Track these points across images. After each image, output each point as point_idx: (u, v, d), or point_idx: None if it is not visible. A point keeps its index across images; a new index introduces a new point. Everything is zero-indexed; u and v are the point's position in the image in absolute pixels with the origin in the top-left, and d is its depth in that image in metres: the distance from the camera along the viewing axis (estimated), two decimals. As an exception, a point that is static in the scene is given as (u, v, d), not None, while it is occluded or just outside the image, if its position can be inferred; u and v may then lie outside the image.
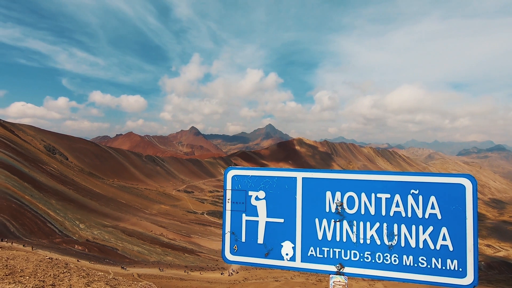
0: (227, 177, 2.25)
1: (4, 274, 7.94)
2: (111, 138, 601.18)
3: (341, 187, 2.05)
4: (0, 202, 52.13)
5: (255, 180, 2.18)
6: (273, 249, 2.13)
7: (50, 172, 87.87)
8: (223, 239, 2.25)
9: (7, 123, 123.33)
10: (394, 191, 1.95)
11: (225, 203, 2.23)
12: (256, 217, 2.17)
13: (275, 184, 2.14)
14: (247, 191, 2.19)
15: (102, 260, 44.43)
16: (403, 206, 1.94)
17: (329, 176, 2.08)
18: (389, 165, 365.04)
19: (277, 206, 2.14)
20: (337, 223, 2.03)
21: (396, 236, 1.94)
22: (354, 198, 2.01)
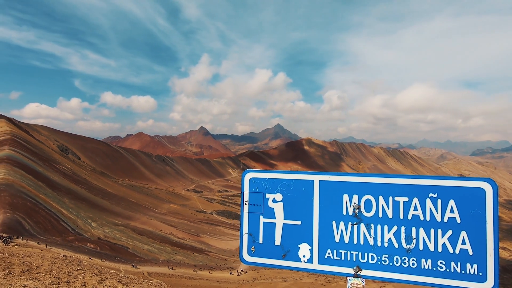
0: (244, 180, 2.28)
1: (21, 271, 8.19)
2: (122, 138, 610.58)
3: (358, 190, 2.05)
4: (15, 200, 53.51)
5: (272, 182, 2.21)
6: (290, 251, 2.15)
7: (63, 172, 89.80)
8: (240, 241, 2.27)
9: (22, 124, 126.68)
10: (412, 195, 1.95)
11: (243, 205, 2.26)
12: (273, 219, 2.19)
13: (292, 187, 2.16)
14: (264, 194, 2.21)
15: (113, 258, 45.18)
16: (422, 209, 1.93)
17: (346, 179, 2.08)
18: (399, 165, 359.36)
19: (294, 208, 2.16)
20: (354, 226, 2.04)
21: (414, 239, 1.93)
22: (372, 201, 2.02)
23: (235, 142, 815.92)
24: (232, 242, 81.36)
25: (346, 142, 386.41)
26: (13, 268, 7.86)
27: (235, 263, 62.55)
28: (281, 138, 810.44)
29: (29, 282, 6.31)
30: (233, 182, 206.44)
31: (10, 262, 8.49)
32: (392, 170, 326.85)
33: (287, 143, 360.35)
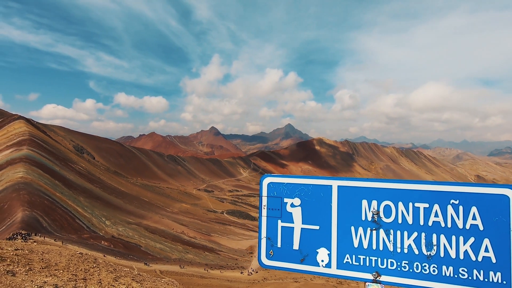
0: (263, 184, 2.29)
1: (40, 267, 8.45)
2: (135, 138, 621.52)
3: (377, 196, 2.04)
4: (34, 198, 55.21)
5: (290, 187, 2.21)
6: (309, 255, 2.15)
7: (78, 171, 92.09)
8: (259, 244, 2.29)
9: (40, 124, 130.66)
10: (432, 201, 1.92)
11: (261, 209, 2.28)
12: (291, 223, 2.20)
13: (310, 192, 2.17)
14: (282, 198, 2.22)
15: (126, 256, 46.01)
16: (443, 216, 1.90)
17: (365, 184, 2.07)
18: (413, 165, 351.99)
19: (312, 213, 2.17)
20: (373, 232, 2.02)
21: (435, 246, 1.90)
22: (391, 207, 2.00)
23: (246, 142, 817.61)
24: (242, 242, 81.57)
25: (358, 142, 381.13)
26: (33, 264, 8.11)
27: (245, 262, 62.70)
28: (292, 138, 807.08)
29: (49, 279, 6.53)
30: (244, 182, 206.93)
31: (30, 259, 8.75)
32: (405, 171, 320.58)
33: (298, 143, 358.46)
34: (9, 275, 5.69)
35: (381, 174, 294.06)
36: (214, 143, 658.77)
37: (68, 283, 6.80)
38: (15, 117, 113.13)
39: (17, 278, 5.70)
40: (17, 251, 9.51)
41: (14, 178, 60.03)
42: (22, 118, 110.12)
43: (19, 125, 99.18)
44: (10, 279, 5.49)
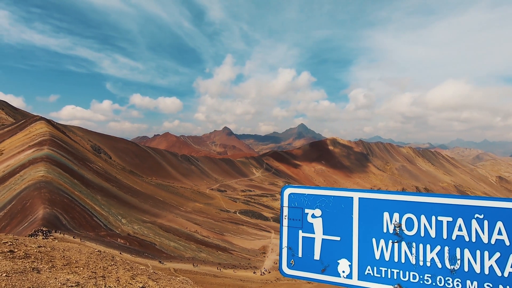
0: (283, 195, 2.31)
1: (62, 264, 8.76)
2: (150, 138, 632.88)
3: (399, 208, 2.02)
4: (54, 197, 57.13)
5: (311, 198, 2.23)
6: (330, 265, 2.16)
7: (96, 170, 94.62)
8: (280, 253, 2.31)
9: (59, 125, 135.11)
10: (456, 215, 1.90)
11: (282, 219, 2.30)
12: (312, 234, 2.22)
13: (331, 203, 2.18)
14: (303, 209, 2.24)
15: (141, 253, 46.94)
16: (467, 230, 1.87)
17: (386, 197, 2.07)
18: (430, 166, 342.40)
19: (333, 224, 2.18)
20: (395, 244, 2.01)
21: (458, 260, 1.87)
22: (413, 220, 1.98)
23: (258, 142, 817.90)
24: (255, 242, 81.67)
25: (372, 142, 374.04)
26: (55, 261, 8.43)
27: (258, 262, 62.76)
28: (304, 138, 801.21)
29: (71, 276, 6.78)
30: (257, 182, 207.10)
31: (52, 256, 9.09)
32: (422, 171, 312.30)
33: (311, 143, 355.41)
34: (35, 272, 5.96)
35: (397, 175, 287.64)
36: (227, 143, 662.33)
37: (88, 280, 7.04)
38: (36, 118, 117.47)
39: (42, 275, 5.95)
40: (40, 248, 9.89)
41: (36, 177, 62.27)
42: (43, 119, 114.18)
43: (40, 126, 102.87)
44: (36, 276, 5.75)
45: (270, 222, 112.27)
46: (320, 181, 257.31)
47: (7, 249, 8.25)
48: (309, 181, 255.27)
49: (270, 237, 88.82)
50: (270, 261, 65.27)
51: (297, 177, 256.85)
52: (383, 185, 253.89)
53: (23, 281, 5.24)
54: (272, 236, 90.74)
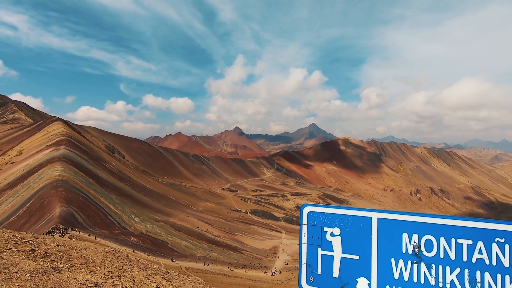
0: (303, 213, 2.37)
1: (80, 264, 9.05)
2: (162, 138, 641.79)
3: (418, 230, 2.05)
4: (70, 195, 58.71)
5: (330, 217, 2.28)
6: (349, 283, 2.20)
7: (110, 170, 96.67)
8: (299, 270, 2.38)
9: (75, 125, 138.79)
10: (476, 238, 1.90)
11: (301, 236, 2.36)
12: (331, 252, 2.26)
13: (350, 222, 2.21)
14: (322, 227, 2.29)
15: (154, 252, 47.68)
16: (487, 253, 1.88)
17: (406, 218, 2.09)
18: (446, 166, 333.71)
19: (352, 243, 2.21)
20: (414, 265, 2.05)
21: (479, 283, 1.89)
22: (433, 242, 2.00)
23: (269, 142, 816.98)
24: (266, 242, 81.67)
25: (385, 142, 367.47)
26: (73, 260, 8.72)
27: (269, 262, 62.74)
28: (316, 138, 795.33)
29: (89, 276, 7.01)
30: (267, 182, 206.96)
31: (70, 255, 9.41)
32: (437, 172, 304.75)
33: (322, 143, 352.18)
34: (56, 272, 6.18)
35: (411, 175, 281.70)
36: (238, 143, 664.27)
37: (106, 280, 7.26)
38: (53, 119, 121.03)
39: (63, 276, 6.18)
40: (59, 247, 10.25)
41: (53, 176, 64.14)
42: (60, 120, 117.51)
43: (57, 127, 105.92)
44: (57, 276, 5.97)
45: (281, 222, 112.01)
46: (332, 181, 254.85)
47: (28, 248, 8.60)
48: (321, 181, 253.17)
49: (281, 238, 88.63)
50: (281, 261, 65.14)
51: (308, 177, 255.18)
52: (397, 185, 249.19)
53: (46, 281, 5.47)
54: (283, 236, 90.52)
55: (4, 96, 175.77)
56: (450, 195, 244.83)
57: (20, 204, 56.94)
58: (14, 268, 5.60)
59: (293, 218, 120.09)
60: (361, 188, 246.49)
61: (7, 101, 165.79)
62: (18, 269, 5.60)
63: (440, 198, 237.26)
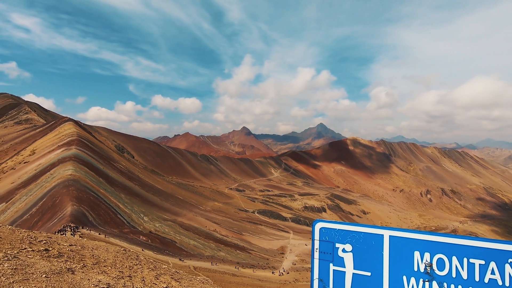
0: (315, 228, 2.41)
1: (92, 264, 9.24)
2: (170, 138, 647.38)
3: (430, 248, 2.07)
4: (81, 194, 59.81)
5: (342, 233, 2.31)
6: None
7: (119, 169, 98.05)
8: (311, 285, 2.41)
9: (86, 126, 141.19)
10: (489, 258, 1.90)
11: (313, 252, 2.40)
12: (343, 267, 2.29)
13: (362, 239, 2.24)
14: (334, 243, 2.32)
15: (163, 251, 48.18)
16: (500, 274, 1.88)
17: (417, 236, 2.12)
18: (457, 167, 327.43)
19: (364, 259, 2.23)
20: (426, 283, 2.06)
21: None
22: (444, 261, 2.01)
23: (277, 142, 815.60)
24: (273, 242, 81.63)
25: (395, 142, 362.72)
26: (85, 260, 8.91)
27: (276, 262, 62.71)
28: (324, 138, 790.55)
29: (101, 277, 7.16)
30: (275, 182, 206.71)
31: (82, 255, 9.61)
32: (448, 172, 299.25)
33: (330, 143, 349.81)
34: (70, 273, 6.33)
35: (421, 176, 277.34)
36: (246, 143, 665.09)
37: (118, 281, 7.40)
38: (65, 119, 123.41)
39: (76, 276, 6.33)
40: (71, 246, 10.47)
41: (64, 175, 65.42)
42: (71, 120, 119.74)
43: (68, 127, 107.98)
44: (71, 277, 6.12)
45: (289, 222, 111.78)
46: (340, 182, 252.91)
47: (42, 247, 8.82)
48: (329, 181, 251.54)
49: (288, 238, 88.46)
50: (289, 261, 65.04)
51: (316, 177, 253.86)
52: (406, 186, 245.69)
53: (61, 282, 5.62)
54: (291, 236, 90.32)
55: (18, 97, 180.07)
56: (461, 196, 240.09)
57: (33, 202, 58.27)
58: (30, 269, 5.77)
59: (300, 218, 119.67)
60: (370, 188, 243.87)
61: (21, 102, 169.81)
62: (34, 270, 5.77)
63: (451, 199, 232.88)
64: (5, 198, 63.47)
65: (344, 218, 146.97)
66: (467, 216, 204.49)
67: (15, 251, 7.08)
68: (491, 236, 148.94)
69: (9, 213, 57.29)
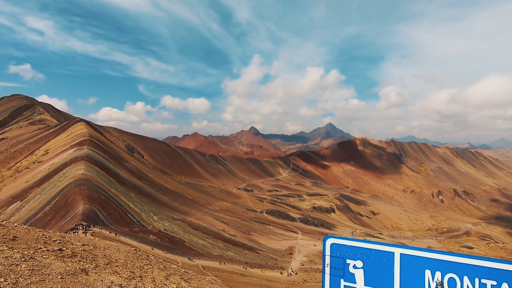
0: (326, 244, 2.44)
1: (104, 264, 9.43)
2: (179, 138, 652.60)
3: (441, 267, 2.06)
4: (92, 193, 60.95)
5: (352, 250, 2.33)
6: None
7: (129, 169, 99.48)
8: None
9: (97, 126, 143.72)
10: (501, 279, 1.86)
11: (324, 267, 2.42)
12: (354, 283, 2.31)
13: (373, 256, 2.25)
14: (345, 259, 2.34)
15: (172, 250, 48.67)
16: None
17: (428, 255, 2.11)
18: (470, 167, 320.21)
19: (374, 276, 2.24)
20: None
21: None
22: (456, 280, 2.01)
23: (285, 141, 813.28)
24: (282, 242, 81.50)
25: (405, 142, 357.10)
26: (98, 260, 9.12)
27: (285, 263, 62.60)
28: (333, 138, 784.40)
29: (113, 278, 7.32)
30: (283, 182, 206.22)
31: (95, 255, 9.83)
32: (461, 173, 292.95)
33: (339, 143, 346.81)
34: (83, 273, 6.50)
35: (432, 176, 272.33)
36: (254, 143, 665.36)
37: (129, 282, 7.56)
38: (77, 119, 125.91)
39: (90, 277, 6.49)
40: (84, 246, 10.72)
41: (77, 175, 66.78)
42: (83, 121, 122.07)
43: (80, 127, 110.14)
44: (85, 278, 6.28)
45: (297, 223, 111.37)
46: (349, 182, 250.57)
47: (56, 247, 9.06)
48: (338, 181, 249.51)
49: (297, 238, 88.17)
50: (297, 262, 64.86)
51: (324, 177, 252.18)
52: (417, 187, 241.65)
53: (75, 283, 5.78)
54: (299, 237, 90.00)
55: (32, 98, 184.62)
56: (475, 197, 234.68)
57: (47, 201, 59.69)
58: (46, 269, 5.95)
59: (309, 218, 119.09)
60: (380, 189, 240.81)
61: (35, 103, 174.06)
62: (49, 271, 5.95)
63: (464, 200, 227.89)
64: (20, 197, 65.20)
65: (353, 219, 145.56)
66: (480, 217, 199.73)
67: (31, 251, 7.30)
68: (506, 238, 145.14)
69: (24, 211, 58.83)
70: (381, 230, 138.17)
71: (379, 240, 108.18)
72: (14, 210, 60.25)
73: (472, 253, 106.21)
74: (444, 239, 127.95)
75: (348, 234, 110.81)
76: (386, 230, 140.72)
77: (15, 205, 62.24)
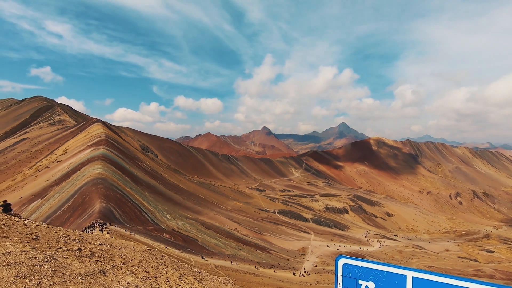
0: (338, 264, 2.47)
1: (120, 263, 9.69)
2: (192, 138, 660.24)
3: None
4: (108, 192, 62.51)
5: (365, 271, 2.33)
6: None
7: (144, 168, 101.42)
8: None
9: (113, 126, 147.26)
10: None
11: (336, 286, 2.45)
12: None
13: (385, 278, 2.24)
14: (357, 280, 2.35)
15: (185, 249, 49.31)
16: None
17: (442, 280, 2.08)
18: (490, 168, 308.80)
19: None
20: None
21: None
22: None
23: (298, 141, 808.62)
24: (294, 243, 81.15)
25: (422, 142, 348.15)
26: (114, 260, 9.37)
27: (297, 263, 62.32)
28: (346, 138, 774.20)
29: (130, 278, 7.52)
30: (296, 182, 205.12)
31: (112, 254, 10.11)
32: (480, 174, 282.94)
33: (353, 143, 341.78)
34: (101, 274, 6.72)
35: (450, 177, 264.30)
36: (266, 142, 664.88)
37: (145, 282, 7.74)
38: (94, 120, 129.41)
39: (108, 278, 6.70)
40: (101, 246, 11.04)
41: (93, 174, 68.65)
42: (100, 121, 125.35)
43: (97, 127, 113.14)
44: (103, 279, 6.50)
45: (310, 223, 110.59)
46: (363, 183, 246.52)
47: (76, 247, 9.39)
48: (351, 182, 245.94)
49: (309, 239, 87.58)
50: (310, 263, 64.44)
51: (338, 178, 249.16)
52: (434, 188, 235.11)
53: (94, 284, 5.98)
54: (312, 238, 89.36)
55: (51, 100, 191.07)
56: (495, 199, 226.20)
57: (65, 199, 61.65)
58: (67, 270, 6.18)
59: (322, 219, 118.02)
60: (395, 190, 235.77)
61: (54, 104, 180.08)
62: (70, 271, 6.18)
63: (484, 202, 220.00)
64: (41, 195, 67.61)
65: (367, 220, 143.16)
66: (501, 220, 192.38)
67: (52, 251, 7.59)
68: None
69: (44, 209, 60.98)
70: (396, 232, 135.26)
71: (394, 242, 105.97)
72: (35, 207, 62.53)
73: (493, 257, 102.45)
74: (462, 242, 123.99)
75: (362, 235, 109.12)
76: (401, 232, 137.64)
77: (36, 202, 64.59)
